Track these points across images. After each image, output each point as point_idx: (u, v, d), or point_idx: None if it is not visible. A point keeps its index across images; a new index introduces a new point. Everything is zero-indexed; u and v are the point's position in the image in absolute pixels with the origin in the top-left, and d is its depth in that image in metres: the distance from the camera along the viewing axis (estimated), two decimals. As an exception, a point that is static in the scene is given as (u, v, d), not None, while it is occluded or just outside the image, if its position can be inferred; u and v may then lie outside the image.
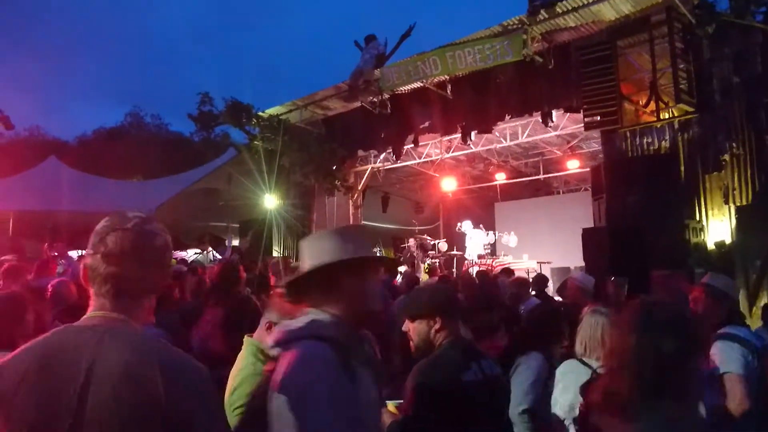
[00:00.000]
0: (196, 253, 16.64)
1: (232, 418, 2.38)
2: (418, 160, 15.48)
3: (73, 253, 12.20)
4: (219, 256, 14.71)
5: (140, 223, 1.51)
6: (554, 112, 11.34)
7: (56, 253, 10.60)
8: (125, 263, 1.46)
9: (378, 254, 14.79)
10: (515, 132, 13.76)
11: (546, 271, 13.74)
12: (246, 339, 2.66)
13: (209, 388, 1.46)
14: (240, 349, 2.62)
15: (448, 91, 11.95)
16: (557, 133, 13.20)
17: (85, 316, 1.48)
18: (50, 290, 4.49)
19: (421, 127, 12.78)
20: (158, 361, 1.38)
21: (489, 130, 12.42)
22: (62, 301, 4.36)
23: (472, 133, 12.41)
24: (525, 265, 14.00)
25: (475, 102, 11.88)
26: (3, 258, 6.59)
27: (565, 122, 12.65)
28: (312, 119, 14.43)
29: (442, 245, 15.93)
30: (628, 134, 9.70)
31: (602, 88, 9.61)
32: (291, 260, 14.00)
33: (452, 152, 15.08)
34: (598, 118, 9.73)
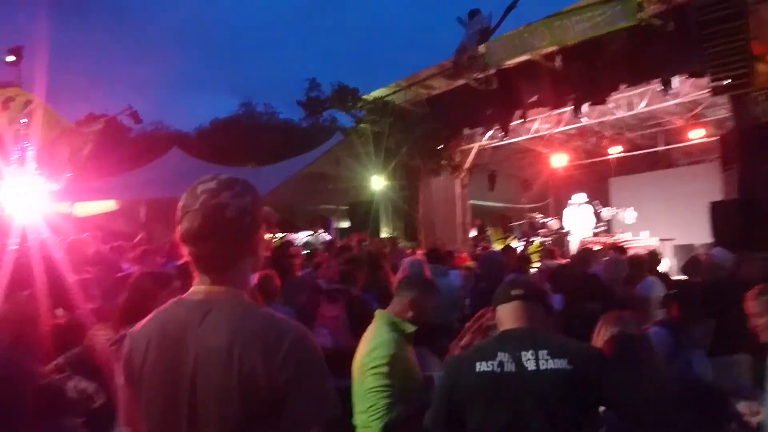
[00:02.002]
0: (308, 235, 17.21)
1: (367, 377, 2.82)
2: (526, 136, 14.99)
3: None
4: (329, 237, 15.12)
5: (208, 199, 1.50)
6: (674, 79, 10.55)
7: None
8: (203, 243, 1.49)
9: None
10: (630, 102, 12.95)
11: (668, 249, 12.92)
12: (378, 312, 3.09)
13: (309, 354, 1.44)
14: None
15: (557, 63, 11.42)
16: (678, 100, 12.28)
17: (189, 291, 1.55)
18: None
19: (529, 101, 12.35)
20: (258, 332, 1.42)
21: (602, 102, 11.77)
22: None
23: (584, 106, 11.81)
24: (645, 243, 13.20)
25: (587, 72, 11.27)
26: (136, 241, 7.11)
27: (686, 88, 11.75)
28: (416, 99, 14.36)
29: (553, 223, 15.41)
30: (761, 98, 8.82)
31: (730, 48, 8.77)
32: (399, 241, 14.16)
33: (562, 126, 14.47)
34: (727, 81, 8.91)
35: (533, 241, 15.06)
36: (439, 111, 14.12)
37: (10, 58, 10.77)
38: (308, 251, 10.73)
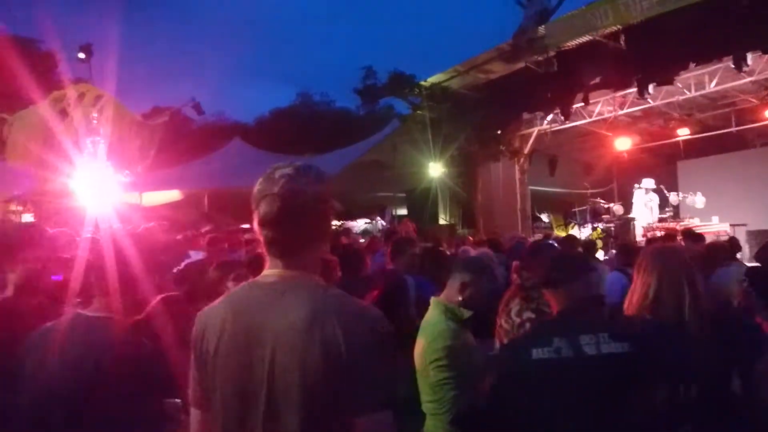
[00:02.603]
0: (366, 223, 17.32)
1: (430, 369, 2.80)
2: (588, 119, 14.54)
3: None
4: (386, 225, 15.16)
5: (287, 183, 1.51)
6: (749, 55, 9.99)
7: (247, 225, 11.55)
8: (280, 227, 1.50)
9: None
10: (701, 81, 12.37)
11: (740, 235, 12.32)
12: (433, 300, 2.98)
13: (381, 337, 1.44)
14: None
15: (622, 42, 11.00)
16: (752, 78, 11.66)
17: (262, 274, 1.57)
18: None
19: (592, 83, 11.97)
20: (337, 308, 1.44)
21: (670, 81, 11.28)
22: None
23: (650, 86, 11.36)
24: (715, 228, 12.62)
25: (653, 51, 10.81)
26: (205, 230, 7.31)
27: (761, 65, 11.11)
28: (474, 84, 14.14)
29: (617, 209, 14.93)
30: None
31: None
32: (457, 228, 14.07)
33: (627, 108, 13.97)
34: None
35: (596, 227, 14.66)
36: (497, 95, 13.87)
37: (81, 56, 11.26)
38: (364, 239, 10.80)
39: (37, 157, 10.04)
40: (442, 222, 14.52)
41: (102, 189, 10.68)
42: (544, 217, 18.03)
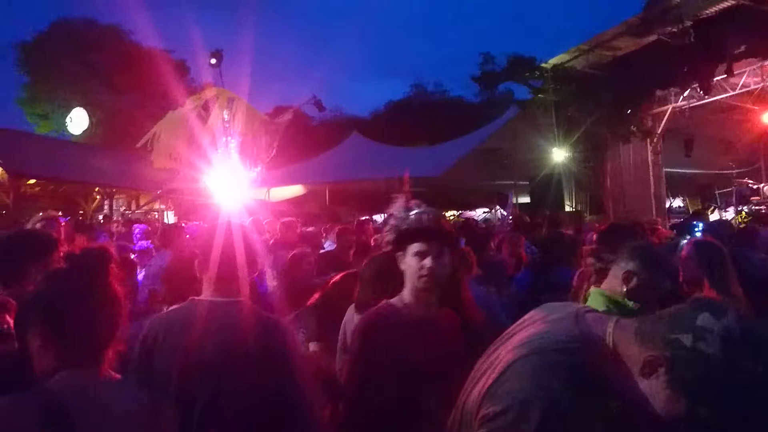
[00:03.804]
0: (485, 212, 17.04)
1: None
2: (731, 93, 13.27)
3: (377, 217, 13.43)
4: (506, 213, 14.80)
5: None
6: None
7: (366, 217, 11.74)
8: None
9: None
10: None
11: None
12: (593, 290, 2.63)
13: None
14: None
15: (773, 4, 9.93)
16: None
17: None
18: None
19: (736, 52, 10.91)
20: None
21: (830, 45, 10.03)
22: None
23: (807, 52, 10.17)
24: None
25: (809, 12, 9.66)
26: (332, 226, 7.50)
27: None
28: (600, 62, 13.39)
29: (768, 189, 13.57)
30: None
31: None
32: (584, 215, 13.43)
33: (777, 78, 12.59)
34: None
35: (741, 210, 13.40)
36: (626, 73, 13.02)
37: (213, 61, 11.96)
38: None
39: (180, 158, 10.81)
40: (567, 209, 13.94)
41: (234, 186, 11.30)
42: (679, 201, 16.78)
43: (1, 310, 1.62)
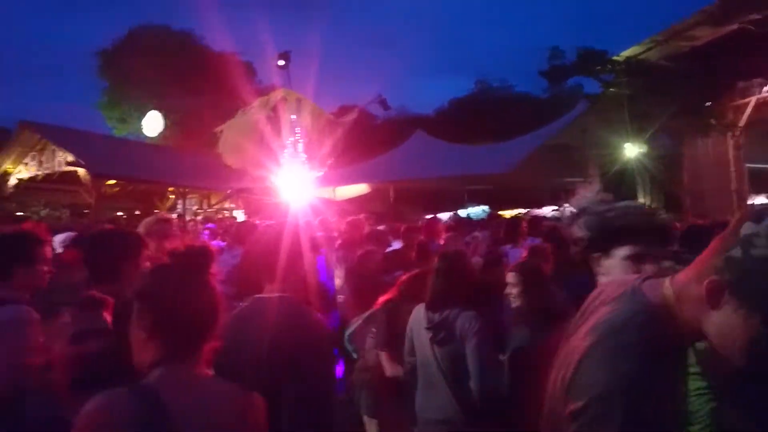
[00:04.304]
0: (553, 210, 16.62)
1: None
2: (821, 83, 12.43)
3: (443, 215, 13.33)
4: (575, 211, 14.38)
5: None
6: None
7: (432, 216, 11.67)
8: None
9: None
10: None
11: None
12: None
13: None
14: None
15: None
16: None
17: None
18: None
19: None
20: None
21: None
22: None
23: None
24: None
25: None
26: (399, 224, 7.49)
27: None
28: (676, 53, 12.82)
29: None
30: None
31: None
32: (659, 213, 12.87)
33: None
34: None
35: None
36: (704, 64, 12.40)
37: (281, 63, 12.19)
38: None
39: (248, 157, 11.10)
40: (641, 207, 13.41)
41: (301, 185, 11.50)
42: (763, 198, 15.84)
43: (99, 307, 1.68)
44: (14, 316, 2.12)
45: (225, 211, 20.82)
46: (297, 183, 11.37)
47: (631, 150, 13.16)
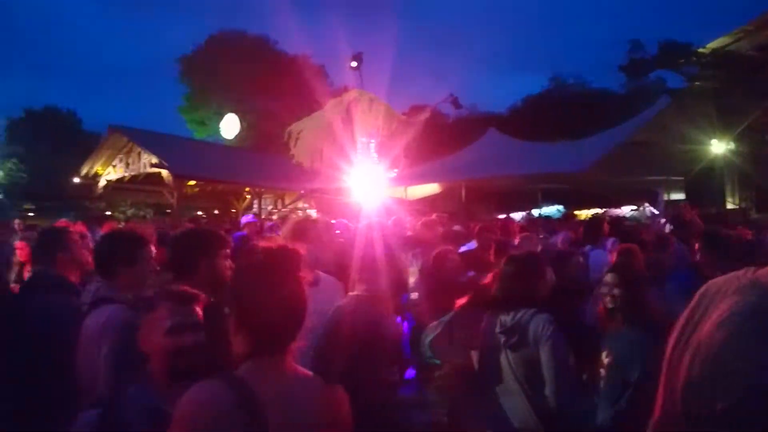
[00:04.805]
0: (632, 210, 16.03)
1: None
2: None
3: (516, 215, 13.11)
4: (656, 212, 13.84)
5: None
6: None
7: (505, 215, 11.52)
8: None
9: None
10: None
11: None
12: None
13: None
14: None
15: None
16: None
17: None
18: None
19: None
20: None
21: None
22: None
23: None
24: None
25: None
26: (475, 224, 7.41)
27: None
28: (767, 44, 12.05)
29: None
30: None
31: None
32: (750, 212, 12.15)
33: None
34: None
35: None
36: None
37: (354, 64, 12.32)
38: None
39: (322, 157, 11.29)
40: (729, 206, 12.69)
41: (373, 185, 11.58)
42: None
43: (192, 303, 1.77)
44: (115, 315, 2.32)
45: (299, 211, 21.29)
46: (369, 183, 11.47)
47: (718, 147, 12.48)
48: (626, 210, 16.64)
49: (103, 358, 2.27)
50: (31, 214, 26.30)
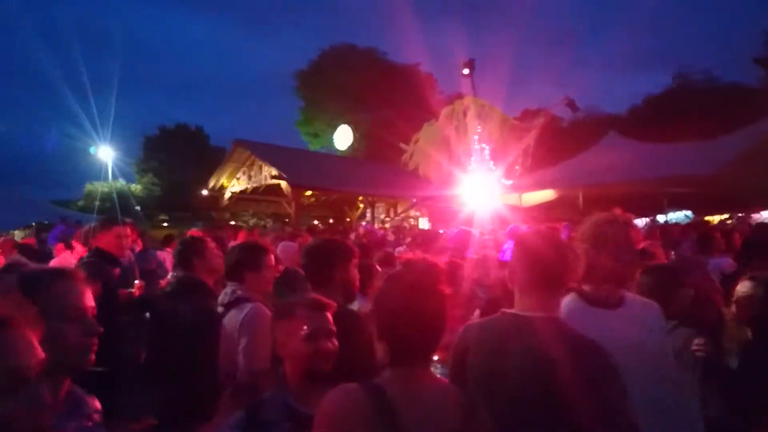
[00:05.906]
0: (775, 214, 14.70)
1: None
2: None
3: (639, 221, 12.41)
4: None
5: None
6: None
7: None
8: None
9: None
10: None
11: None
12: None
13: None
14: None
15: None
16: None
17: None
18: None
19: None
20: None
21: None
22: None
23: None
24: None
25: None
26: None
27: None
28: None
29: None
30: None
31: None
32: None
33: None
34: None
35: None
36: None
37: (465, 71, 12.25)
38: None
39: (438, 166, 11.33)
40: None
41: (487, 192, 11.42)
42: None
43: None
44: (256, 312, 2.62)
45: (411, 219, 21.46)
46: (483, 190, 11.32)
47: None
48: (766, 215, 15.35)
49: (242, 351, 2.55)
50: (165, 224, 28.59)
